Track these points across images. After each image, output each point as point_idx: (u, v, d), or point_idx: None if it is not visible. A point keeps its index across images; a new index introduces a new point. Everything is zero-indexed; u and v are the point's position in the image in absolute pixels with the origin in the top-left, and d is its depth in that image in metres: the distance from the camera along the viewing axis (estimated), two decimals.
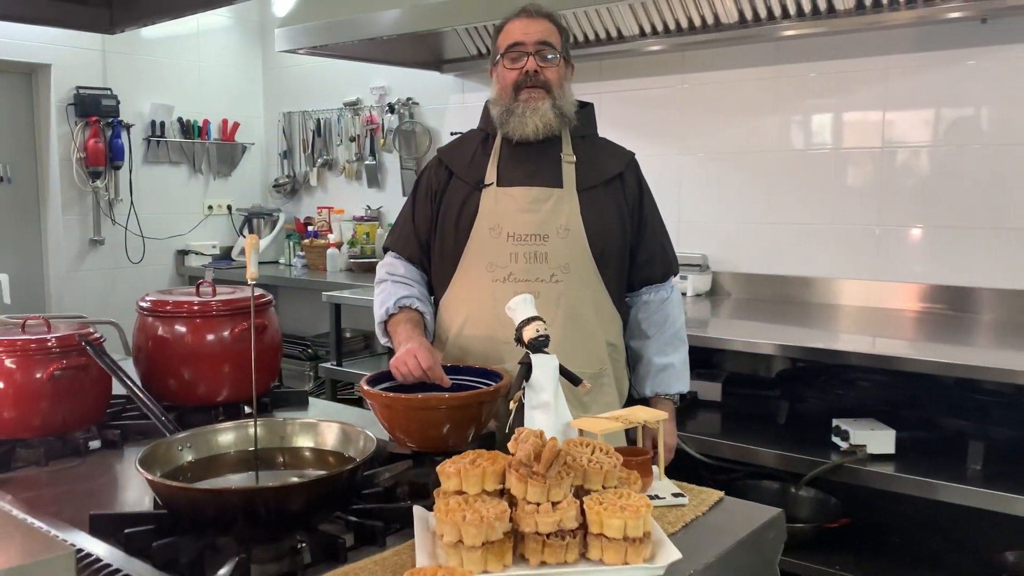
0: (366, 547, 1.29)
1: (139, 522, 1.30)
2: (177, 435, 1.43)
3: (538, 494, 1.20)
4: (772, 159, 3.62)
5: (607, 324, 1.94)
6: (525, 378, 1.51)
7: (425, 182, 2.02)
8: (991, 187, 3.13)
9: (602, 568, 1.18)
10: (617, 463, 1.29)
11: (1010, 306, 3.13)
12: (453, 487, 1.25)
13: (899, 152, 3.33)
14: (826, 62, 3.46)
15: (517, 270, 1.86)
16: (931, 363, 2.52)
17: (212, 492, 1.26)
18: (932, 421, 2.75)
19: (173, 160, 5.10)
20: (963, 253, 3.21)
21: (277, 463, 1.44)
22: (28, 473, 1.66)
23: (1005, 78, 3.07)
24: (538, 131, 1.89)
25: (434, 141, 4.70)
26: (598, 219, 1.90)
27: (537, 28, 1.90)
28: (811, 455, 2.69)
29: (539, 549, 1.18)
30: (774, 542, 1.42)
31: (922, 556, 2.73)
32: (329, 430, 1.46)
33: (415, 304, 1.93)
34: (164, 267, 5.12)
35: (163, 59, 5.02)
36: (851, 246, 3.45)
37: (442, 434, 1.63)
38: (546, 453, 1.21)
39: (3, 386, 1.72)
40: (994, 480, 2.45)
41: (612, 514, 1.18)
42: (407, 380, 1.74)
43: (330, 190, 5.26)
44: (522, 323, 1.54)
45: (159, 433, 1.85)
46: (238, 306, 2.01)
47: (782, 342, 2.84)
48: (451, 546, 1.17)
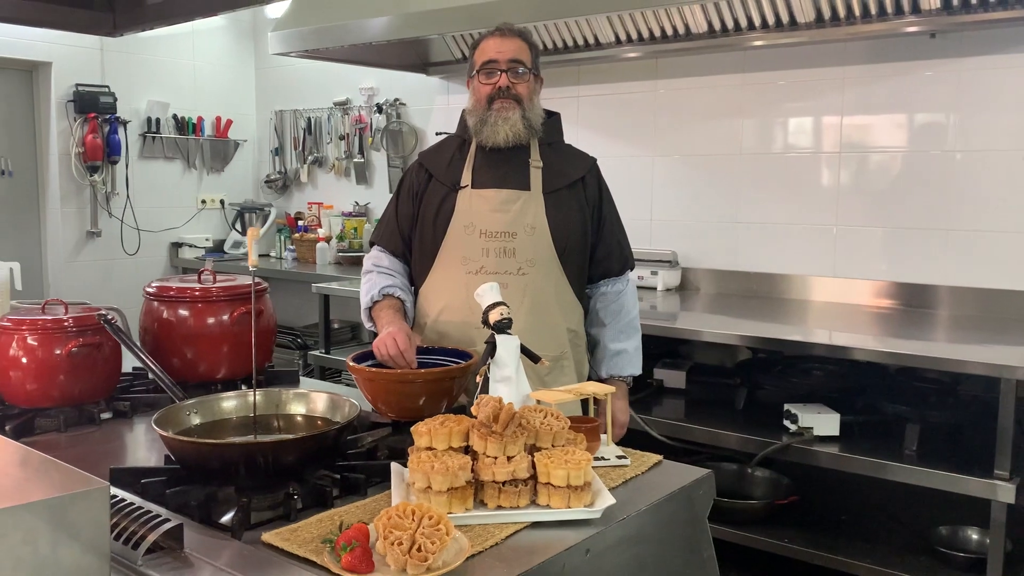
0: (349, 496, 1.50)
1: (153, 474, 1.50)
2: (185, 401, 1.63)
3: (496, 449, 1.42)
4: (739, 161, 3.84)
5: (568, 313, 2.16)
6: (490, 355, 1.72)
7: (407, 183, 2.23)
8: (939, 190, 3.36)
9: (549, 511, 1.39)
10: (565, 426, 1.51)
11: (956, 302, 3.36)
12: (424, 444, 1.47)
13: (856, 157, 3.56)
14: (789, 71, 3.68)
15: (488, 264, 2.08)
16: (875, 352, 2.74)
17: (218, 445, 1.47)
18: (875, 406, 2.99)
19: (168, 155, 5.29)
20: (916, 252, 3.44)
21: (273, 427, 1.65)
22: (48, 438, 1.86)
23: (953, 89, 3.30)
24: (508, 139, 2.10)
25: (420, 140, 4.90)
26: (561, 219, 2.12)
27: (509, 47, 2.10)
28: (765, 437, 2.92)
29: (496, 495, 1.40)
30: (703, 499, 1.63)
31: (864, 530, 2.96)
32: (319, 398, 1.67)
33: (397, 292, 2.14)
34: (158, 259, 5.31)
35: (159, 58, 5.20)
36: (812, 244, 3.68)
37: (418, 405, 1.84)
38: (503, 415, 1.43)
39: (26, 361, 1.92)
40: (929, 460, 2.68)
41: (558, 466, 1.39)
42: (384, 360, 1.95)
43: (320, 186, 5.46)
44: (488, 307, 1.75)
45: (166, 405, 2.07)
46: (236, 292, 2.21)
47: (743, 333, 3.06)
48: (421, 491, 1.38)
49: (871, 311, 3.44)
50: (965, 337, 2.97)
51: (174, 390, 1.76)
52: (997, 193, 3.24)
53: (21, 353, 1.93)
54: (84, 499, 1.15)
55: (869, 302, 3.55)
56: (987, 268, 3.27)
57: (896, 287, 3.50)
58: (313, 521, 1.38)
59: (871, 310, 3.46)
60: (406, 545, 1.18)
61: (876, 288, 3.54)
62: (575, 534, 1.36)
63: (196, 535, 1.32)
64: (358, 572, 1.18)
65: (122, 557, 1.23)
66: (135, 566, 1.22)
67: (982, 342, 2.86)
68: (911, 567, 2.72)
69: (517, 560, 1.27)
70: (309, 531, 1.34)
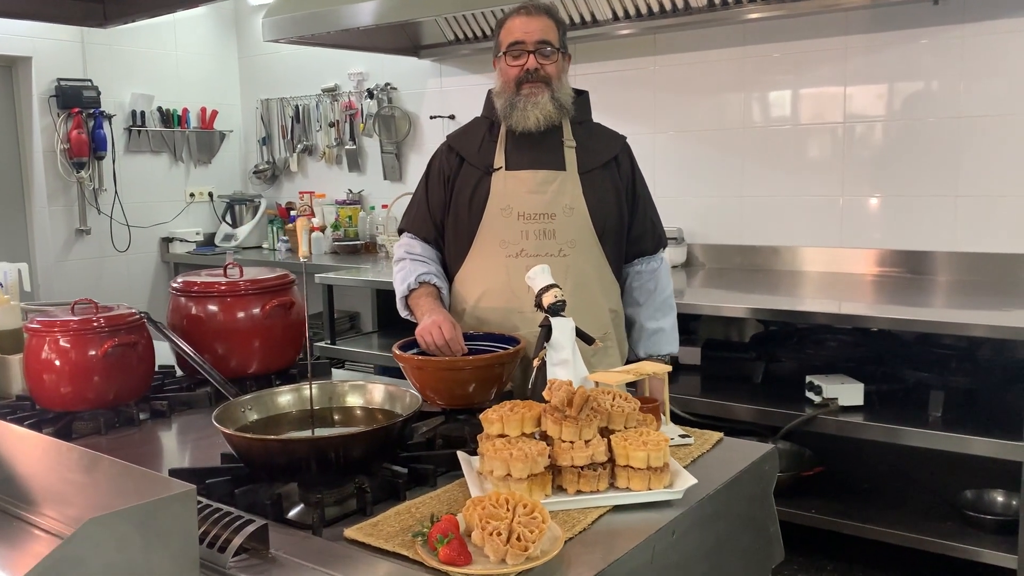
0: (419, 487, 1.47)
1: (216, 474, 1.46)
2: (241, 398, 1.59)
3: (572, 433, 1.39)
4: (740, 136, 3.83)
5: (609, 292, 2.14)
6: (546, 339, 1.69)
7: (437, 167, 2.18)
8: (943, 157, 3.38)
9: (632, 494, 1.37)
10: (636, 407, 1.49)
11: (962, 267, 3.38)
12: (496, 431, 1.44)
13: (859, 126, 3.56)
14: (790, 43, 3.67)
15: (528, 246, 2.04)
16: (894, 320, 2.76)
17: (287, 441, 1.43)
18: (895, 374, 3.00)
19: (154, 149, 5.19)
20: (919, 220, 3.46)
21: (332, 420, 1.61)
22: (89, 442, 1.80)
23: (956, 55, 3.31)
24: (539, 123, 2.06)
25: (413, 125, 4.84)
26: (598, 199, 2.09)
27: (536, 26, 2.06)
28: (787, 409, 2.92)
29: (575, 480, 1.38)
30: (769, 474, 1.62)
31: (890, 498, 2.98)
32: (376, 390, 1.63)
33: (433, 280, 2.11)
34: (149, 255, 5.22)
35: (141, 49, 5.09)
36: (817, 215, 3.68)
37: (468, 392, 1.81)
38: (577, 399, 1.40)
39: (60, 363, 1.87)
40: (954, 425, 2.70)
41: (637, 448, 1.37)
42: (430, 348, 1.91)
43: (310, 175, 5.38)
44: (541, 290, 1.72)
45: (202, 403, 2.03)
46: (265, 286, 2.16)
47: (757, 306, 3.06)
48: (500, 479, 1.35)
49: (880, 279, 3.45)
50: (980, 303, 2.99)
51: (226, 387, 1.71)
52: (1004, 157, 3.26)
53: (54, 355, 1.87)
54: (173, 504, 1.11)
55: (877, 271, 3.56)
56: (996, 233, 3.30)
57: (903, 255, 3.51)
58: (391, 515, 1.35)
59: (880, 278, 3.47)
60: (505, 535, 1.15)
61: (883, 256, 3.56)
62: (659, 516, 1.34)
63: (275, 535, 1.29)
64: (456, 564, 1.15)
65: (210, 561, 1.20)
66: (224, 570, 1.19)
67: (998, 307, 2.88)
68: (940, 532, 2.75)
69: (609, 545, 1.25)
70: (390, 525, 1.31)
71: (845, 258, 3.66)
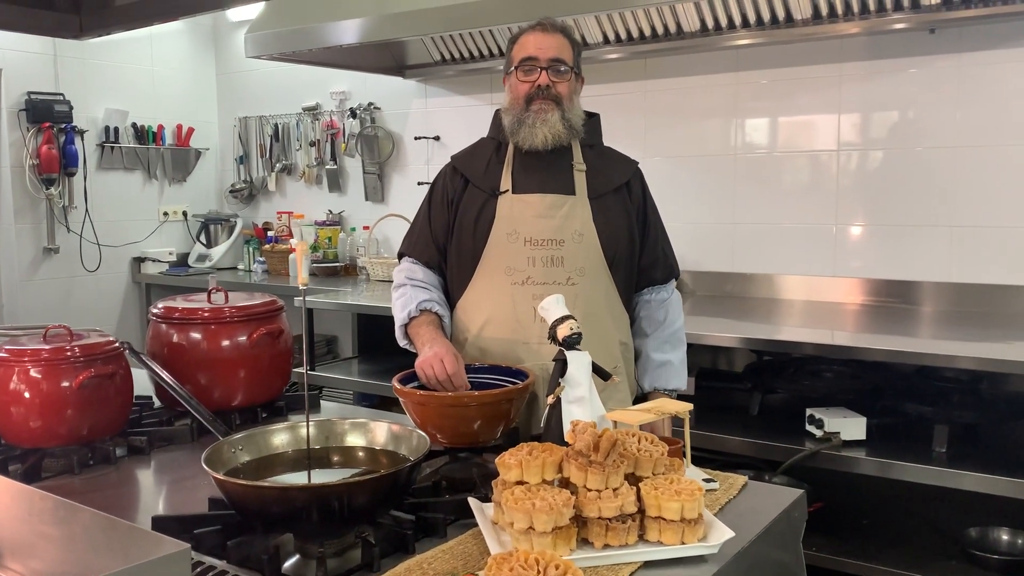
0: (428, 538, 1.35)
1: (205, 523, 1.33)
2: (231, 437, 1.46)
3: (598, 481, 1.29)
4: (732, 162, 3.77)
5: (619, 324, 2.04)
6: (561, 374, 1.58)
7: (440, 189, 2.08)
8: (937, 187, 3.33)
9: (664, 548, 1.27)
10: (664, 451, 1.38)
11: (955, 298, 3.33)
12: (514, 477, 1.33)
13: (852, 154, 3.51)
14: (784, 68, 3.62)
15: (535, 273, 1.94)
16: (897, 352, 2.69)
17: (286, 490, 1.30)
18: (896, 408, 2.92)
19: (128, 166, 5.02)
20: (912, 249, 3.40)
21: (330, 462, 1.49)
22: (61, 483, 1.67)
23: (951, 84, 3.27)
24: (547, 141, 1.97)
25: (397, 146, 4.73)
26: (609, 225, 1.99)
27: (551, 43, 1.98)
28: (785, 443, 2.83)
29: (603, 533, 1.27)
30: (799, 520, 1.53)
31: (892, 535, 2.90)
32: (379, 429, 1.51)
33: (435, 308, 1.99)
34: (120, 275, 5.04)
35: (116, 63, 4.94)
36: (811, 244, 3.62)
37: (473, 430, 1.70)
38: (603, 443, 1.30)
39: (30, 395, 1.73)
40: (960, 461, 2.62)
41: (670, 498, 1.27)
42: (430, 383, 1.80)
43: (289, 195, 5.25)
44: (555, 322, 1.62)
45: (183, 438, 1.90)
46: (252, 312, 2.04)
47: (751, 335, 2.98)
48: (522, 532, 1.24)
49: (873, 309, 3.39)
50: (976, 335, 2.92)
51: (215, 425, 1.58)
52: (998, 188, 3.22)
53: (23, 387, 1.73)
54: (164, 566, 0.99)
55: (870, 300, 3.50)
56: (990, 264, 3.25)
57: (896, 285, 3.45)
58: (402, 571, 1.23)
59: (873, 308, 3.41)
60: None
61: (876, 286, 3.50)
62: (697, 572, 1.23)
63: None
64: None
65: None
66: None
67: (994, 339, 2.82)
68: (944, 571, 2.67)
69: None
70: None
71: (838, 287, 3.59)
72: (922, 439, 2.75)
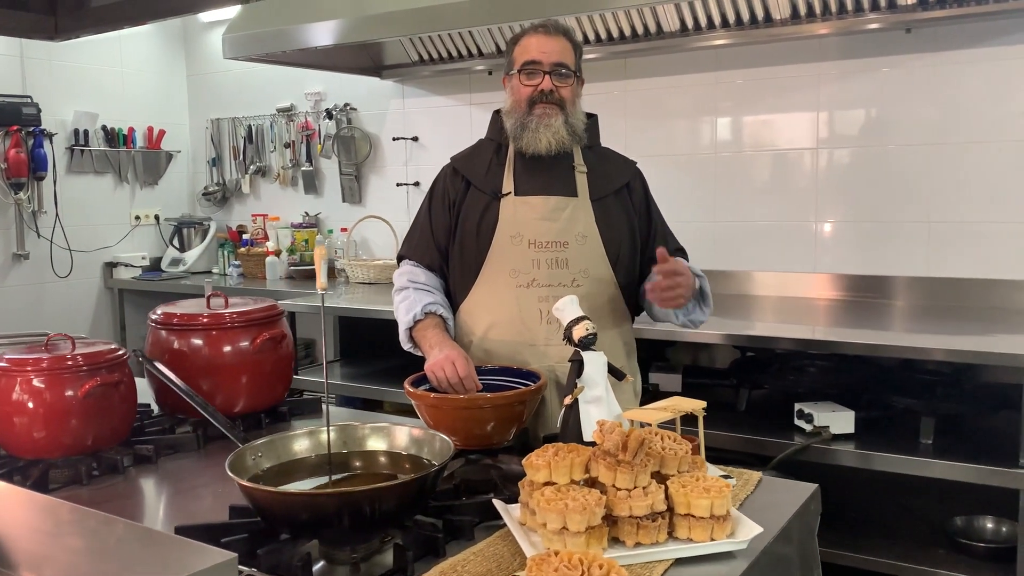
0: (455, 541, 1.35)
1: (231, 531, 1.32)
2: (252, 444, 1.45)
3: (627, 480, 1.30)
4: (712, 161, 3.81)
5: (622, 325, 2.05)
6: (577, 375, 1.59)
7: (441, 191, 2.07)
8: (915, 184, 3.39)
9: (695, 545, 1.28)
10: (688, 449, 1.40)
11: (934, 293, 3.39)
12: (543, 478, 1.33)
13: (832, 152, 3.57)
14: (763, 68, 3.66)
15: (540, 276, 1.94)
16: (882, 347, 2.74)
17: (315, 496, 1.30)
18: (881, 401, 2.98)
19: (98, 169, 4.93)
20: (892, 245, 3.46)
21: (352, 467, 1.48)
22: (69, 494, 1.63)
23: (927, 83, 3.34)
24: (551, 147, 1.97)
25: (374, 147, 4.71)
26: (611, 227, 2.00)
27: (554, 47, 1.97)
28: (775, 438, 2.87)
29: (634, 531, 1.28)
30: (814, 514, 1.55)
31: (879, 526, 2.95)
32: (400, 433, 1.51)
33: (439, 311, 1.99)
34: (92, 280, 4.95)
35: (84, 65, 4.85)
36: (789, 241, 3.67)
37: (486, 431, 1.70)
38: (631, 442, 1.31)
39: (33, 405, 1.70)
40: (947, 453, 2.67)
41: (699, 495, 1.28)
42: (442, 385, 1.80)
43: (263, 197, 5.19)
44: (571, 323, 1.62)
45: (189, 446, 1.87)
46: (253, 317, 2.02)
47: (736, 332, 3.01)
48: (555, 533, 1.24)
49: (854, 304, 3.45)
50: (956, 328, 2.98)
51: (234, 431, 1.56)
52: (975, 184, 3.29)
53: (26, 397, 1.70)
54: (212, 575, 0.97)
55: (850, 296, 3.56)
56: (968, 258, 3.32)
57: (877, 280, 3.51)
58: (435, 575, 1.23)
59: (854, 303, 3.46)
60: None
61: (857, 281, 3.56)
62: (726, 568, 1.25)
63: None
64: None
65: None
66: None
67: (974, 332, 2.88)
68: (931, 559, 2.72)
69: None
70: None
71: (816, 283, 3.65)
72: (908, 431, 2.81)
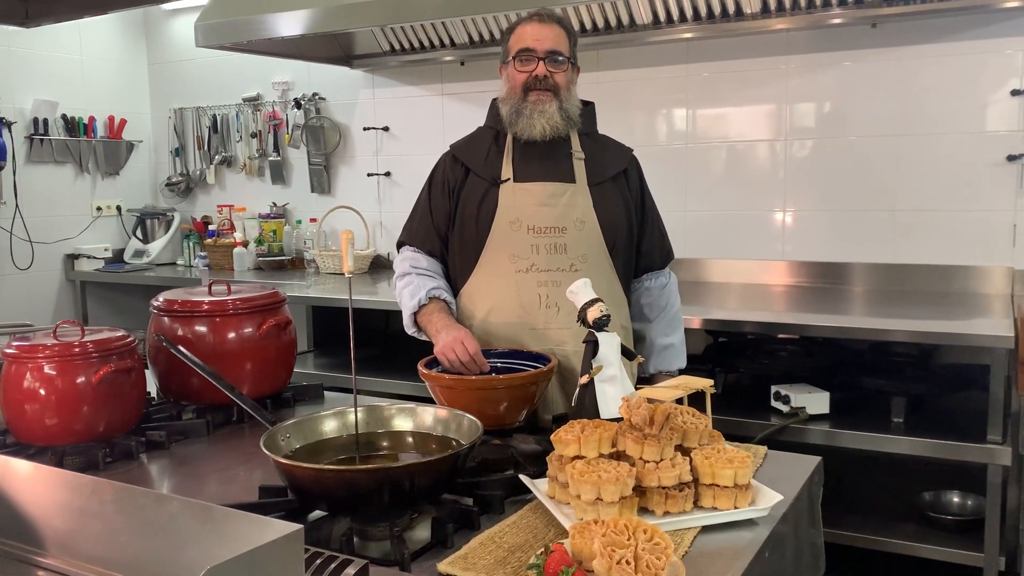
0: (487, 515, 1.39)
1: (266, 510, 1.34)
2: (280, 425, 1.47)
3: (654, 453, 1.35)
4: (684, 152, 3.89)
5: (619, 309, 2.11)
6: (592, 355, 1.64)
7: (440, 178, 2.11)
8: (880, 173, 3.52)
9: (720, 513, 1.34)
10: (707, 423, 1.46)
11: (900, 278, 3.52)
12: (572, 452, 1.38)
13: (800, 143, 3.68)
14: (734, 61, 3.75)
15: (539, 261, 1.99)
16: (855, 329, 2.85)
17: (356, 472, 1.33)
18: (852, 383, 3.09)
19: (58, 159, 4.83)
20: (858, 233, 3.59)
21: (380, 447, 1.51)
22: None
23: (892, 76, 3.46)
24: (545, 132, 2.02)
25: (344, 137, 4.70)
26: (609, 212, 2.06)
27: (548, 35, 2.02)
28: (750, 420, 2.96)
29: (663, 501, 1.34)
30: (818, 485, 1.63)
31: (851, 503, 3.06)
32: (426, 413, 1.54)
33: (443, 295, 2.03)
34: (53, 272, 4.85)
35: (43, 53, 4.74)
36: (759, 230, 3.77)
37: (499, 412, 1.75)
38: (658, 416, 1.36)
39: (45, 392, 1.69)
40: (918, 430, 2.79)
41: (723, 466, 1.34)
42: (454, 366, 1.83)
43: (229, 188, 5.14)
44: (585, 305, 1.67)
45: (199, 432, 1.88)
46: (257, 304, 2.04)
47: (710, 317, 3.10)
48: (589, 503, 1.29)
49: (822, 290, 3.56)
50: (921, 312, 3.10)
51: (262, 413, 1.58)
52: (937, 173, 3.42)
53: (38, 384, 1.69)
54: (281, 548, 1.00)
55: (820, 283, 3.67)
56: (931, 245, 3.46)
57: (844, 267, 3.63)
58: (476, 546, 1.27)
59: (822, 289, 3.58)
60: (634, 563, 1.10)
61: (825, 268, 3.67)
62: (750, 535, 1.32)
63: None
64: None
65: None
66: None
67: (938, 316, 3.00)
68: (902, 533, 2.84)
69: (719, 566, 1.21)
70: (480, 557, 1.24)
71: (786, 271, 3.76)
72: (880, 411, 2.92)
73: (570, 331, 1.93)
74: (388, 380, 3.51)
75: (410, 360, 1.98)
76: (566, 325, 1.95)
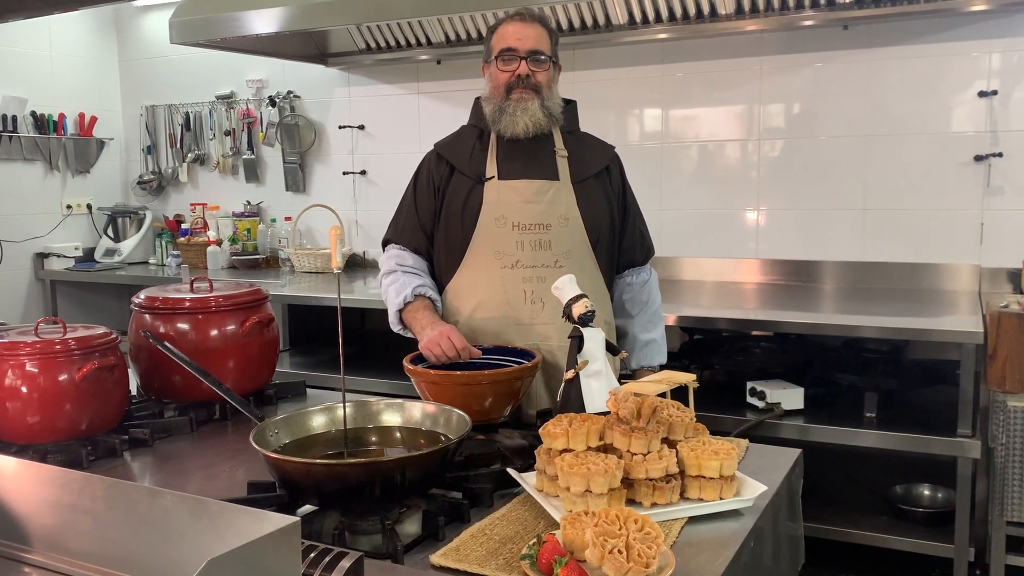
0: (476, 508, 1.41)
1: (259, 504, 1.34)
2: (269, 420, 1.47)
3: (642, 445, 1.38)
4: (658, 151, 3.93)
5: (603, 305, 2.13)
6: (577, 350, 1.66)
7: (426, 176, 2.12)
8: (851, 173, 3.58)
9: (706, 504, 1.37)
10: (692, 416, 1.49)
11: (870, 276, 3.59)
12: (560, 446, 1.40)
13: (772, 143, 3.73)
14: (708, 61, 3.79)
15: (524, 257, 2.01)
16: (830, 326, 2.91)
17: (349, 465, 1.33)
18: (825, 379, 3.14)
19: (27, 157, 4.77)
20: (830, 232, 3.65)
21: (369, 442, 1.52)
22: None
23: (862, 77, 3.52)
24: (528, 129, 2.04)
25: (319, 135, 4.68)
26: (592, 209, 2.08)
27: (530, 34, 2.04)
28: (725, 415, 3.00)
29: (650, 493, 1.36)
30: (799, 477, 1.66)
31: (825, 496, 3.11)
32: (414, 408, 1.55)
33: (428, 292, 2.04)
34: (22, 271, 4.79)
35: (12, 50, 4.68)
36: (733, 229, 3.82)
37: (484, 407, 1.76)
38: (645, 409, 1.39)
39: (27, 390, 1.68)
40: (889, 424, 2.85)
41: (709, 457, 1.37)
42: (440, 360, 1.85)
43: (202, 186, 5.10)
44: (570, 300, 1.69)
45: (182, 429, 1.88)
46: (240, 301, 2.03)
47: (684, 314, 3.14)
48: (579, 495, 1.31)
49: (795, 288, 3.62)
50: (898, 309, 3.15)
51: (250, 409, 1.58)
52: (906, 173, 3.49)
53: (19, 382, 1.68)
54: (278, 540, 1.01)
55: (791, 281, 3.73)
56: (900, 243, 3.52)
57: (816, 265, 3.69)
58: (467, 539, 1.29)
59: (795, 287, 3.64)
60: (626, 552, 1.12)
61: (797, 267, 3.73)
62: (736, 525, 1.34)
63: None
64: None
65: None
66: None
67: (918, 313, 3.07)
68: (874, 526, 2.90)
69: (707, 556, 1.24)
70: (472, 549, 1.25)
71: (759, 269, 3.81)
72: (852, 406, 2.98)
73: (555, 326, 1.95)
74: (365, 379, 3.50)
75: (386, 358, 1.99)
76: (551, 320, 1.97)
